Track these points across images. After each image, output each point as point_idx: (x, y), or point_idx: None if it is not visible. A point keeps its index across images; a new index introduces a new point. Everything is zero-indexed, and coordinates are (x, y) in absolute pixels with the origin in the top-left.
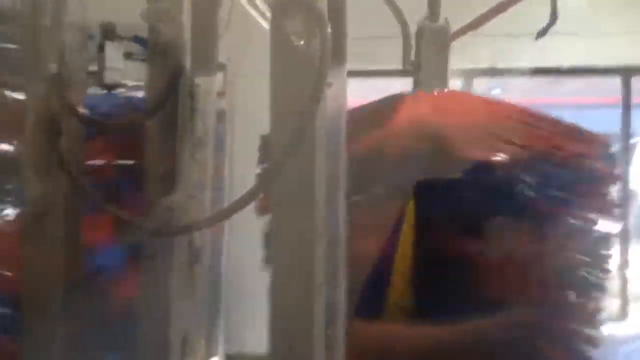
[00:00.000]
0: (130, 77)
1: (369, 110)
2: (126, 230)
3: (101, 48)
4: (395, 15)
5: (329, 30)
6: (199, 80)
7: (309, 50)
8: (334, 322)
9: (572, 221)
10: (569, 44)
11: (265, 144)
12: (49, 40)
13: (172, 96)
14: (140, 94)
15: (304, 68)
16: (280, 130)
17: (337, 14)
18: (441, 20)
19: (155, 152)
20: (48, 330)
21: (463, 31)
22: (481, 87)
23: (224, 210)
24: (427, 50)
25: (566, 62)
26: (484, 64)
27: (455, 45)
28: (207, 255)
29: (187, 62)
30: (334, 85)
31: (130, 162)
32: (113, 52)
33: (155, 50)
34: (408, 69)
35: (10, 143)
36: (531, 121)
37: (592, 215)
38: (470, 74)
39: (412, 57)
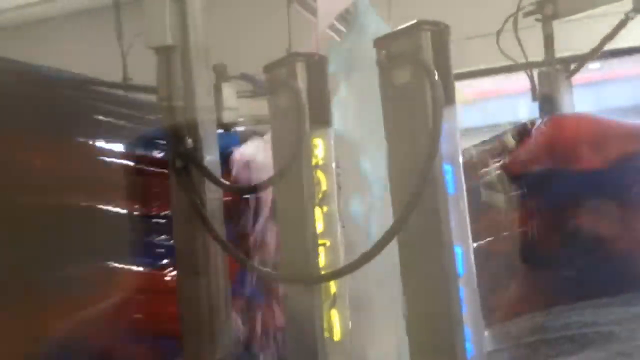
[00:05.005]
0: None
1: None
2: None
3: (217, 89)
4: (524, 67)
5: (437, 77)
6: (318, 136)
7: (418, 97)
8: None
9: None
10: None
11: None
12: (183, 118)
13: (295, 154)
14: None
15: (416, 115)
16: (401, 177)
17: (443, 57)
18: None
19: (284, 208)
20: None
21: (575, 70)
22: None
23: (358, 259)
24: (545, 89)
25: None
26: (581, 49)
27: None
28: (344, 299)
29: (307, 123)
30: (446, 125)
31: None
32: (228, 92)
33: (277, 114)
34: (535, 101)
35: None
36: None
37: None
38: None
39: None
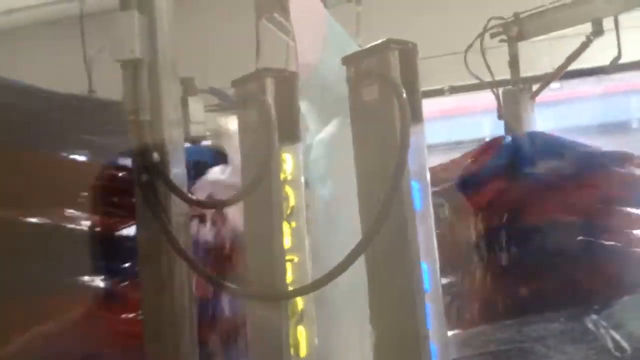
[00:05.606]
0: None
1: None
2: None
3: (184, 103)
4: (490, 85)
5: (405, 95)
6: (287, 151)
7: (387, 114)
8: None
9: None
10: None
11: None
12: (149, 132)
13: (263, 169)
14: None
15: (384, 132)
16: (369, 193)
17: (411, 75)
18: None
19: (252, 223)
20: None
21: (539, 90)
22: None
23: (326, 275)
24: (510, 107)
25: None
26: (544, 69)
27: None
28: (311, 315)
29: (276, 138)
30: (413, 143)
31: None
32: (195, 106)
33: (246, 129)
34: (500, 119)
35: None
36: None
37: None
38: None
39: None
